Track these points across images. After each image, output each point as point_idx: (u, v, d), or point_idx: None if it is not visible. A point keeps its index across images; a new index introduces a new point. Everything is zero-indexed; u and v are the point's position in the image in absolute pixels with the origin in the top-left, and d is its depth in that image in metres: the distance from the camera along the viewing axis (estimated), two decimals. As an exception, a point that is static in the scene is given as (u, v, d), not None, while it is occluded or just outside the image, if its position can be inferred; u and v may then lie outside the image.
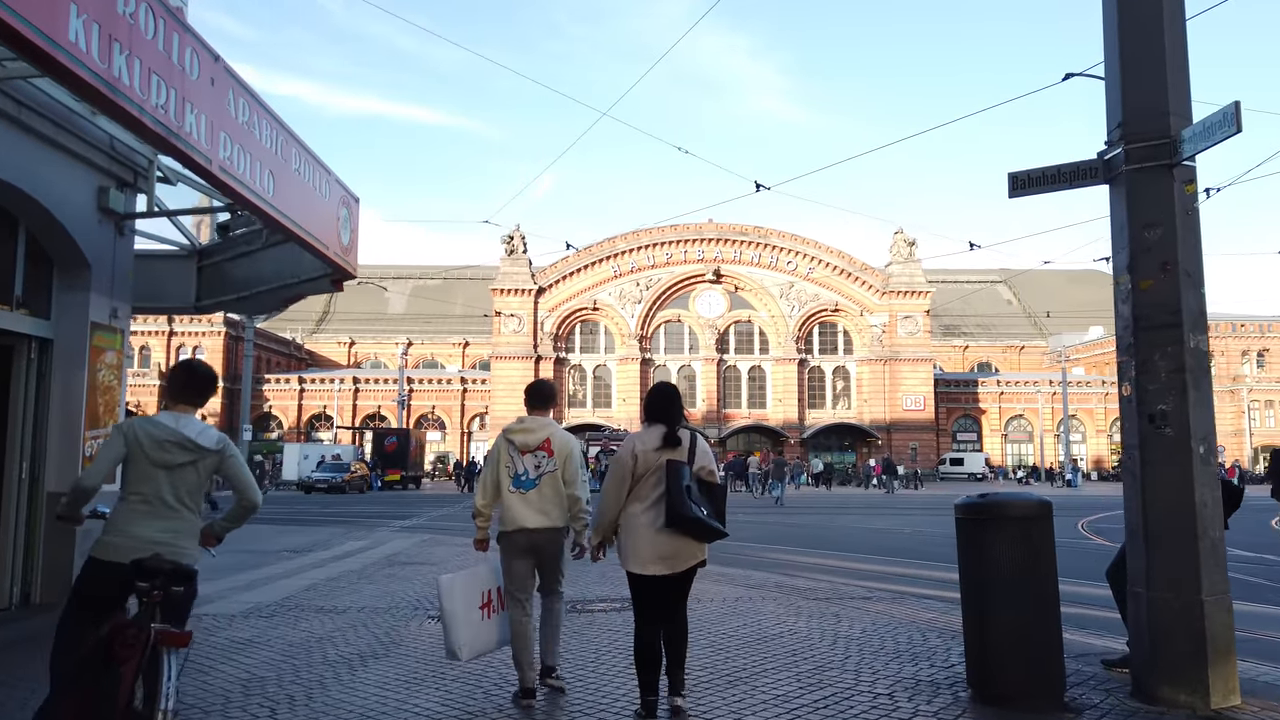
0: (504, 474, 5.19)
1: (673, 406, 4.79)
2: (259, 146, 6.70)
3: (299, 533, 17.61)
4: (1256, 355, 71.54)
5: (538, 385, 5.60)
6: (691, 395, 66.70)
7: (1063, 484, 53.43)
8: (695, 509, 4.50)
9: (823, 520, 21.72)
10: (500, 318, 65.32)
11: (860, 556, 13.33)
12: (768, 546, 14.88)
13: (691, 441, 4.74)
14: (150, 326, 68.40)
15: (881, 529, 18.72)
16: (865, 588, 9.78)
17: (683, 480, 4.52)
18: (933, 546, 15.16)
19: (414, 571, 11.39)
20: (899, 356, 65.87)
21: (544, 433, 5.26)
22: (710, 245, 66.00)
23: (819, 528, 19.51)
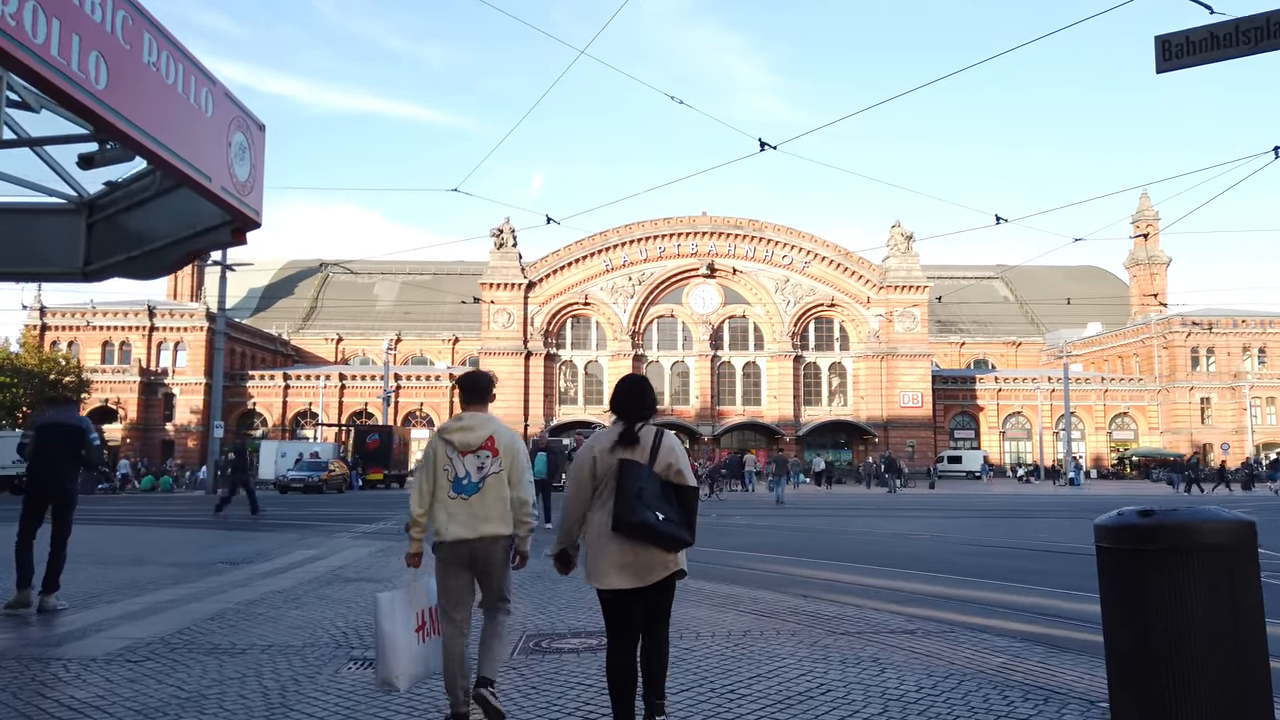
0: (442, 478, 4.62)
1: (637, 401, 4.27)
2: (84, 20, 4.69)
3: (247, 540, 15.63)
4: (1258, 351, 69.93)
5: (473, 377, 4.99)
6: (685, 392, 64.83)
7: (1066, 482, 51.66)
8: (647, 513, 3.96)
9: (831, 524, 19.81)
10: (489, 312, 63.34)
11: (884, 571, 11.41)
12: (775, 557, 12.95)
13: (655, 440, 4.19)
14: (131, 322, 66.29)
15: (898, 534, 16.82)
16: (902, 615, 7.85)
17: (636, 481, 4.01)
18: (960, 555, 13.26)
19: (354, 592, 9.43)
20: (896, 352, 64.08)
21: (486, 430, 4.71)
22: (704, 239, 64.11)
23: (829, 533, 17.60)
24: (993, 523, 20.45)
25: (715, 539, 15.83)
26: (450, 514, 4.55)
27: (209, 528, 18.61)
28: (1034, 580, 10.34)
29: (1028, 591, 9.53)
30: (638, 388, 4.34)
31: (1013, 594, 9.37)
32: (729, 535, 16.87)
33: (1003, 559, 12.83)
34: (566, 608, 8.22)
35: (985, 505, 28.21)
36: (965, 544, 14.96)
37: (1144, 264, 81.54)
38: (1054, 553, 13.71)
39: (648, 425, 4.22)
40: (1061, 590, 9.59)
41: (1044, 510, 25.49)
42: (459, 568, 4.60)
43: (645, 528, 3.94)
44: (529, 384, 62.82)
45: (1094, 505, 28.09)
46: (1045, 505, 28.27)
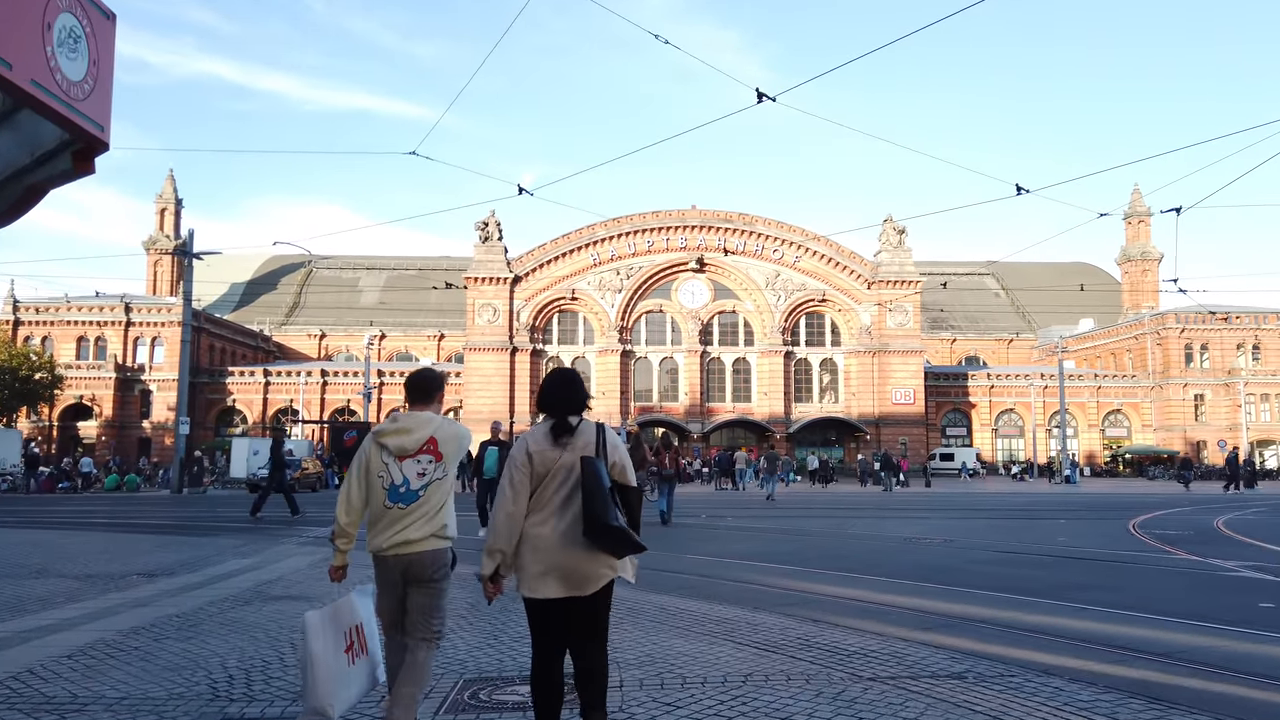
0: (376, 485, 4.10)
1: (567, 394, 3.86)
2: None
3: (180, 546, 13.87)
4: (1251, 348, 68.74)
5: (418, 375, 4.44)
6: (674, 389, 63.21)
7: (1061, 480, 50.24)
8: (618, 515, 3.59)
9: (831, 526, 18.16)
10: (474, 307, 61.54)
11: (901, 585, 9.76)
12: (774, 568, 11.29)
13: (599, 436, 3.78)
14: (107, 317, 64.22)
15: (906, 539, 15.17)
16: (943, 651, 6.21)
17: (604, 481, 3.59)
18: (983, 565, 11.63)
19: (271, 615, 7.73)
20: (888, 348, 62.58)
21: (425, 431, 4.15)
22: (693, 232, 62.45)
23: (830, 537, 15.95)
24: (1003, 524, 18.86)
25: (706, 544, 14.17)
26: (386, 524, 4.08)
27: (149, 532, 16.83)
28: (1085, 597, 8.70)
29: (1085, 614, 7.89)
30: (570, 380, 3.97)
31: (1068, 617, 7.73)
32: (720, 540, 15.22)
33: (1034, 569, 11.21)
34: (521, 640, 6.55)
35: (988, 504, 26.65)
36: (984, 550, 13.34)
37: (1136, 260, 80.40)
38: (1090, 560, 12.10)
39: (584, 421, 3.84)
40: (1128, 612, 7.97)
41: (1051, 509, 23.94)
42: (395, 584, 4.14)
43: (619, 533, 3.57)
44: (514, 380, 61.07)
45: (1100, 504, 26.56)
46: (1050, 504, 26.73)
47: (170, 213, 76.73)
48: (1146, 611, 7.96)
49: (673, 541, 14.78)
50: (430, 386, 4.36)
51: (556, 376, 3.97)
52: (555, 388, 3.91)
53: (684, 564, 11.51)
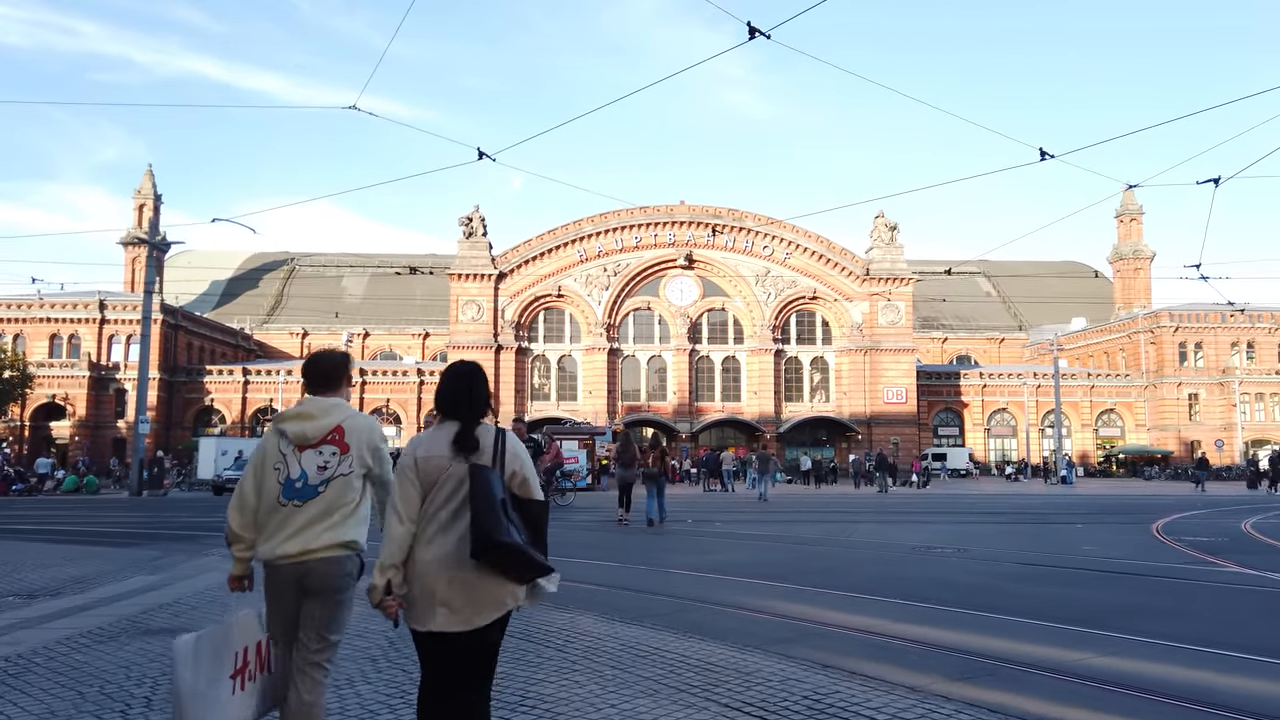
0: (270, 479, 3.59)
1: (470, 393, 3.26)
2: None
3: (90, 558, 12.09)
4: (1246, 346, 67.46)
5: (319, 357, 3.86)
6: (662, 388, 61.49)
7: (1058, 481, 48.78)
8: (513, 530, 3.01)
9: (829, 533, 16.44)
10: (458, 304, 59.72)
11: (921, 609, 8.06)
12: (767, 585, 9.57)
13: (498, 443, 3.19)
14: (80, 314, 62.08)
15: (913, 547, 13.48)
16: (999, 715, 4.51)
17: (495, 493, 3.02)
18: (1011, 582, 9.96)
19: (133, 655, 6.00)
20: (880, 346, 61.04)
21: (330, 419, 3.63)
22: (682, 228, 60.75)
23: (830, 545, 14.25)
24: (1016, 530, 17.19)
25: (690, 555, 12.47)
26: (279, 525, 3.53)
27: (70, 541, 14.98)
28: (1148, 627, 7.02)
29: (1155, 652, 6.22)
30: (471, 376, 3.31)
31: (1139, 658, 6.05)
32: (708, 549, 13.51)
33: (1071, 586, 9.53)
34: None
35: (993, 507, 25.01)
36: (1004, 562, 11.67)
37: (1128, 259, 79.12)
38: (1132, 576, 10.44)
39: (485, 425, 3.22)
40: (1209, 650, 6.30)
41: (1062, 513, 22.30)
42: (288, 595, 3.55)
43: (513, 551, 3.00)
44: (499, 379, 59.15)
45: (1111, 506, 24.99)
46: (1058, 507, 25.12)
47: (149, 208, 74.50)
48: (1231, 648, 6.29)
49: (654, 551, 13.09)
50: (333, 370, 3.78)
51: (458, 372, 3.34)
52: (458, 385, 3.29)
53: (663, 581, 9.82)
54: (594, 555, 12.18)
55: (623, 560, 11.58)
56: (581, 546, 13.76)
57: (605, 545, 13.90)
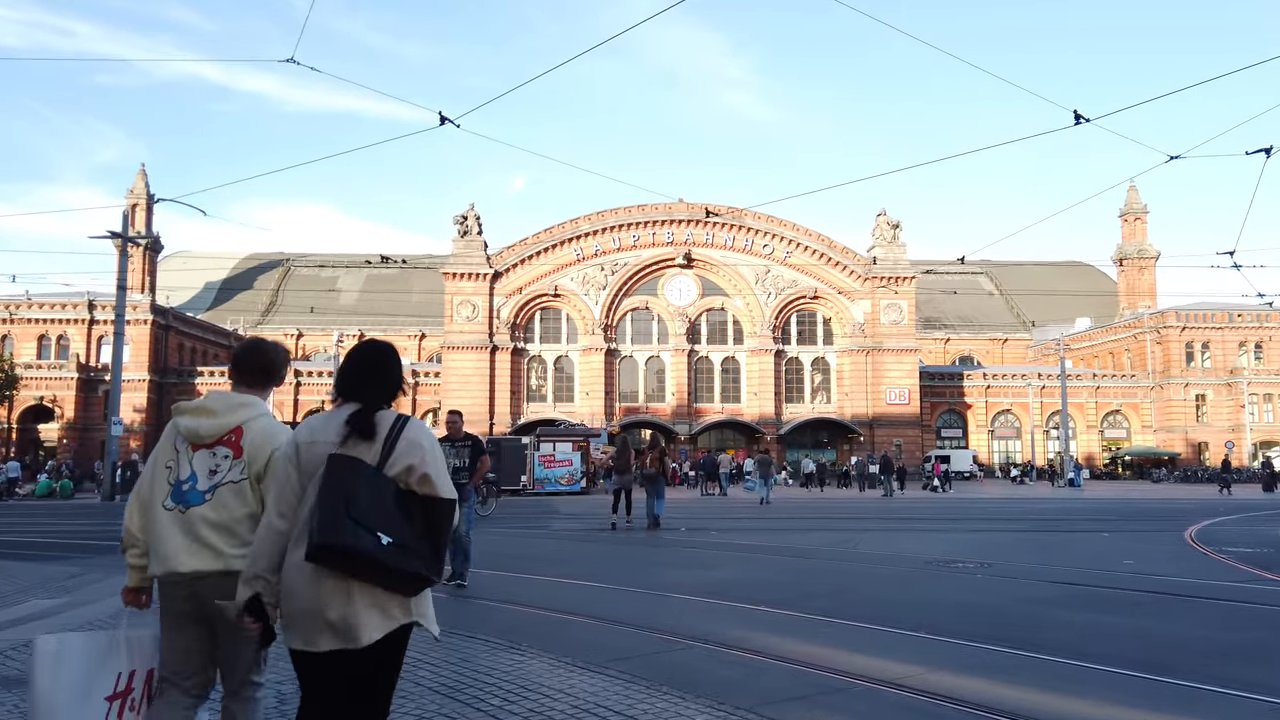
0: (160, 479, 3.17)
1: (375, 373, 2.87)
2: None
3: (16, 571, 10.55)
4: (1254, 347, 65.85)
5: (245, 346, 3.41)
6: (661, 389, 59.95)
7: (1065, 484, 47.17)
8: (360, 533, 2.56)
9: (835, 542, 14.87)
10: (452, 304, 58.21)
11: (956, 648, 6.51)
12: (768, 614, 8.01)
13: (393, 431, 2.76)
14: (69, 315, 60.62)
15: (929, 560, 11.93)
16: None
17: (347, 485, 2.62)
18: (1047, 606, 8.42)
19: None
20: (882, 347, 59.48)
21: (232, 418, 3.17)
22: (681, 227, 59.23)
23: (836, 558, 12.70)
24: (1039, 539, 15.62)
25: (680, 571, 10.92)
26: (163, 533, 3.08)
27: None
28: (1250, 676, 5.47)
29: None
30: (381, 355, 2.91)
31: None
32: (700, 562, 11.97)
33: (1128, 614, 7.98)
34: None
35: (1004, 513, 23.44)
36: (1038, 580, 10.11)
37: (1132, 258, 77.52)
38: (1192, 599, 8.89)
39: (387, 411, 2.80)
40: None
41: (1079, 519, 20.73)
42: (180, 617, 3.09)
43: (352, 555, 2.55)
44: (494, 380, 57.74)
45: (1131, 511, 23.41)
46: (1072, 512, 23.54)
47: (142, 209, 72.96)
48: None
49: (639, 567, 11.56)
50: (253, 363, 3.28)
51: (365, 350, 2.89)
52: (359, 365, 2.85)
53: (643, 608, 8.27)
54: (569, 572, 10.64)
55: (600, 578, 10.04)
56: (558, 561, 12.24)
57: (584, 559, 12.38)
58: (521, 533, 16.95)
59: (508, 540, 15.56)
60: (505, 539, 15.73)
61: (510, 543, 15.14)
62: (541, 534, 16.33)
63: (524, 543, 15.13)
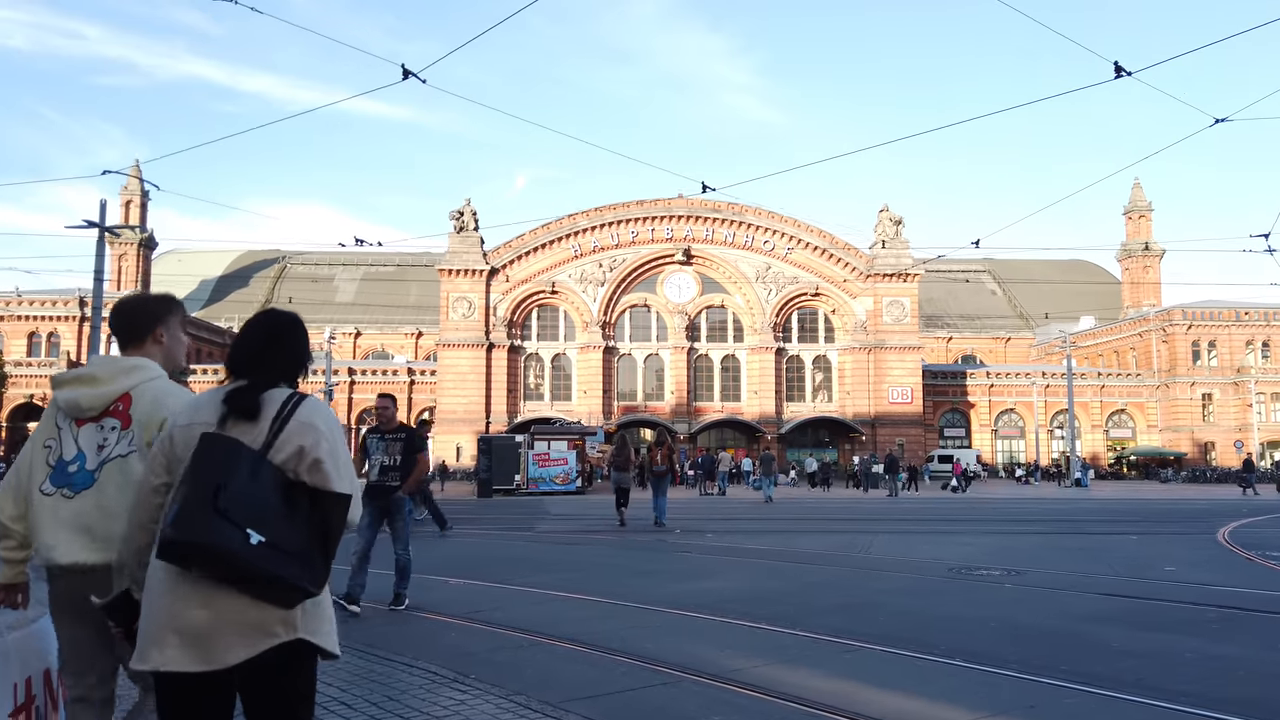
0: (39, 461, 2.80)
1: (268, 348, 2.50)
2: None
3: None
4: (1261, 345, 64.49)
5: (123, 301, 2.97)
6: (660, 387, 58.64)
7: (1072, 484, 45.87)
8: (225, 528, 2.12)
9: (844, 546, 13.55)
10: (448, 301, 56.94)
11: (1006, 680, 5.25)
12: (769, 633, 6.73)
13: (283, 411, 2.34)
14: (60, 311, 59.45)
15: (951, 567, 10.63)
16: None
17: (217, 471, 2.19)
18: (1098, 624, 7.15)
19: None
20: (885, 345, 58.16)
21: (117, 385, 2.78)
22: (680, 223, 57.96)
23: (848, 563, 11.40)
24: (1064, 542, 14.28)
25: (671, 580, 9.61)
26: (45, 520, 2.72)
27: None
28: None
29: None
30: (279, 325, 2.55)
31: None
32: (694, 570, 10.68)
33: (1197, 636, 6.68)
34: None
35: (1019, 514, 22.14)
36: (1078, 592, 8.82)
37: (1137, 256, 76.19)
38: (1260, 615, 7.61)
39: (280, 389, 2.42)
40: None
41: (1099, 520, 19.42)
42: (78, 613, 2.69)
43: (209, 554, 2.12)
44: (491, 378, 56.47)
45: (1152, 512, 22.10)
46: (1089, 513, 22.23)
47: (136, 205, 71.86)
48: None
49: (626, 575, 10.27)
50: (135, 317, 2.86)
51: (261, 321, 2.55)
52: (254, 337, 2.50)
53: (624, 627, 6.99)
54: (546, 581, 9.36)
55: (580, 589, 8.75)
56: (537, 567, 10.95)
57: (567, 565, 11.10)
58: (504, 535, 15.69)
59: (487, 543, 14.31)
60: (485, 542, 14.48)
61: (490, 546, 13.89)
62: (525, 536, 15.09)
63: (504, 546, 13.86)
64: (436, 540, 14.42)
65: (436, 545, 13.90)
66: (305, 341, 2.60)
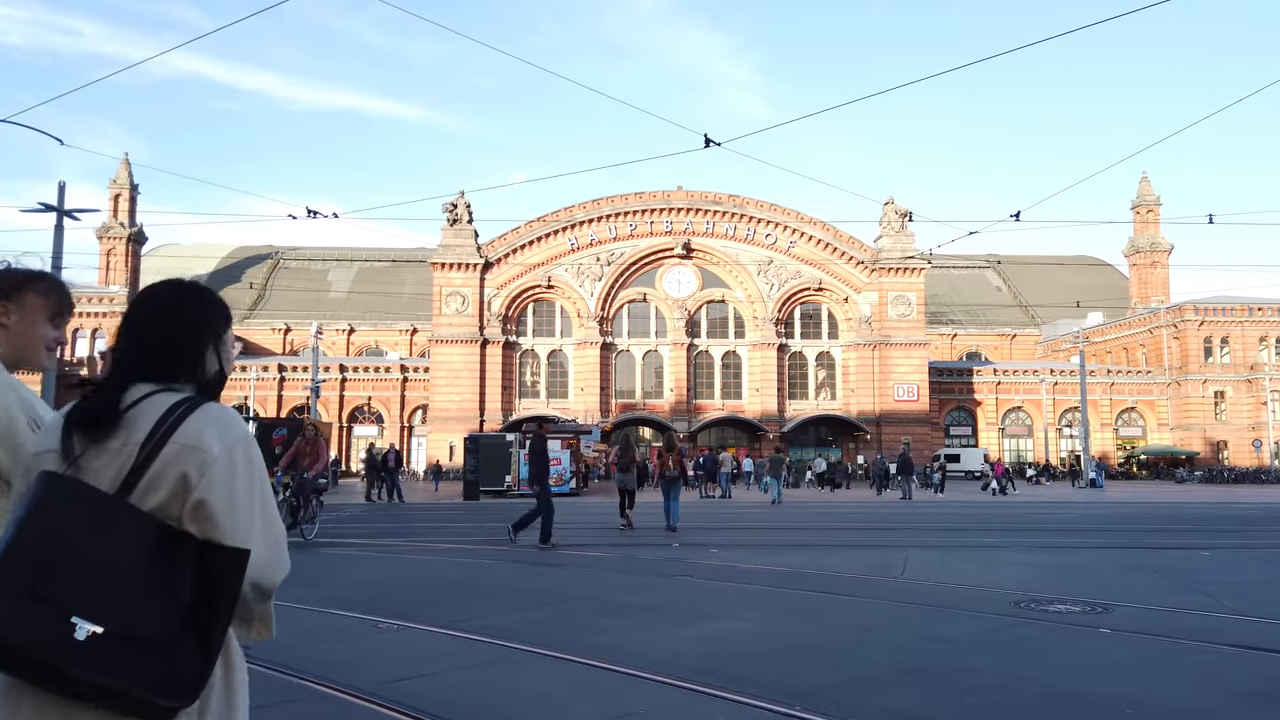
0: None
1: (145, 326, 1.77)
2: None
3: None
4: (1275, 341, 62.28)
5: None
6: (659, 384, 56.44)
7: (1086, 484, 43.65)
8: (36, 615, 1.48)
9: (874, 564, 11.30)
10: (441, 295, 54.76)
11: None
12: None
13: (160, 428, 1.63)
14: (43, 306, 57.09)
15: (1015, 601, 8.42)
16: None
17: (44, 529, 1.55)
18: (1253, 699, 4.92)
19: None
20: (890, 341, 55.98)
21: None
22: (679, 215, 55.75)
23: (885, 593, 9.16)
24: (1132, 561, 11.99)
25: (657, 622, 7.33)
26: None
27: None
28: None
29: None
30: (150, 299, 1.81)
31: None
32: (689, 606, 8.42)
33: None
34: None
35: (1050, 521, 19.92)
36: (1200, 642, 6.60)
37: (1145, 251, 73.88)
38: None
39: (166, 393, 1.70)
40: None
41: (1145, 528, 17.19)
42: None
43: (14, 654, 1.49)
44: (485, 375, 54.28)
45: (1195, 517, 19.85)
46: (1128, 519, 20.00)
47: (125, 198, 69.59)
48: None
49: (602, 607, 8.03)
50: None
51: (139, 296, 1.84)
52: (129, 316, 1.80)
53: (599, 708, 4.79)
54: (505, 624, 7.13)
55: (547, 638, 6.51)
56: (498, 598, 8.72)
57: (537, 595, 8.88)
58: (476, 548, 13.47)
59: (450, 561, 12.09)
60: (446, 560, 12.25)
61: (451, 565, 11.67)
62: (499, 551, 12.91)
63: (469, 566, 11.63)
64: (386, 560, 12.25)
65: (385, 565, 11.73)
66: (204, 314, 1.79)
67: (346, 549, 13.30)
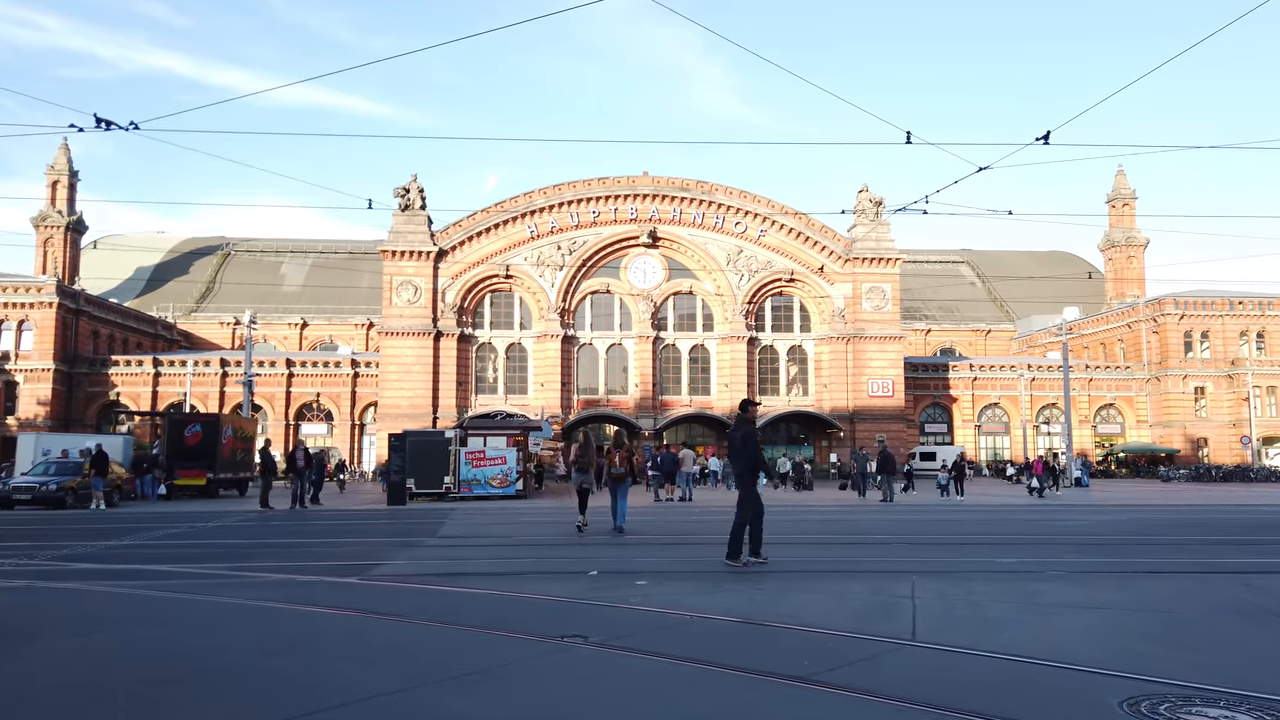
0: None
1: None
2: None
3: None
4: (1256, 336, 59.64)
5: None
6: (623, 380, 52.59)
7: (1071, 483, 40.37)
8: None
9: (872, 604, 7.60)
10: (392, 285, 50.60)
11: None
12: None
13: None
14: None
15: (1130, 696, 4.81)
16: None
17: None
18: None
19: None
20: (864, 334, 52.59)
21: None
22: (645, 202, 51.97)
23: (900, 664, 5.48)
24: (1209, 595, 8.31)
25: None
26: None
27: None
28: None
29: None
30: None
31: None
32: (595, 706, 4.60)
33: None
34: None
35: (1061, 531, 16.31)
36: None
37: (1120, 246, 71.18)
38: None
39: None
40: None
41: (1185, 540, 13.61)
42: None
43: None
44: (439, 369, 50.22)
45: (1220, 524, 16.31)
46: (1150, 526, 16.46)
47: (64, 185, 64.72)
48: None
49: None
50: None
51: None
52: None
53: None
54: None
55: None
56: (240, 686, 4.81)
57: (294, 683, 5.00)
58: (299, 580, 9.51)
59: (234, 603, 7.92)
60: (235, 600, 8.09)
61: (217, 611, 7.57)
62: (340, 591, 9.04)
63: (257, 608, 7.59)
64: (140, 600, 8.30)
65: (126, 609, 7.65)
66: None
67: (108, 582, 9.31)
